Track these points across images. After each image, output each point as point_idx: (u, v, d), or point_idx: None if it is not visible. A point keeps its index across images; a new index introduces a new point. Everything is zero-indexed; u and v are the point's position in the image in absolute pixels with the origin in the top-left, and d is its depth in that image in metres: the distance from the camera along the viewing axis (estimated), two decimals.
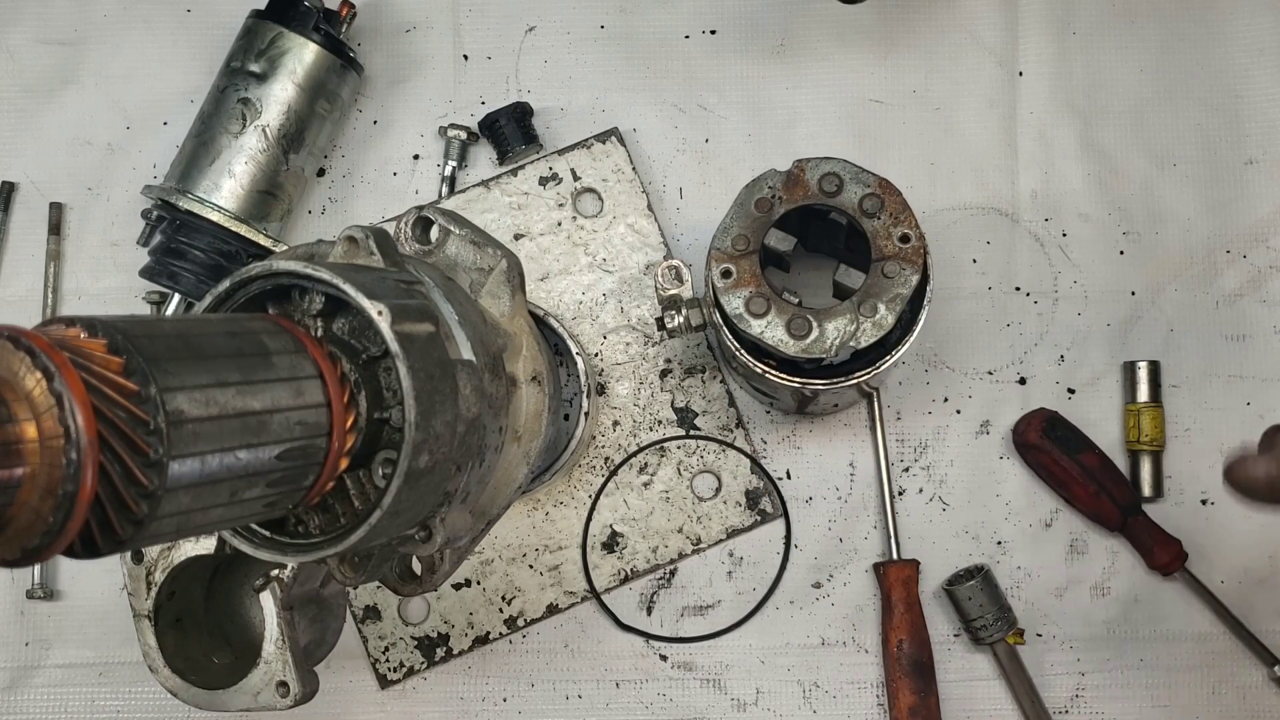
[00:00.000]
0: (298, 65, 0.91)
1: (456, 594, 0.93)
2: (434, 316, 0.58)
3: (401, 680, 0.93)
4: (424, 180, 0.98)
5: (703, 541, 0.93)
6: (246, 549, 0.57)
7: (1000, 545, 0.92)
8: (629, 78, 0.98)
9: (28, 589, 0.94)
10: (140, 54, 1.00)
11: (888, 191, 0.78)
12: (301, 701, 0.76)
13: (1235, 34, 0.96)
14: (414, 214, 0.68)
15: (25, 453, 0.41)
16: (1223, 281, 0.94)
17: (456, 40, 0.99)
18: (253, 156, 0.91)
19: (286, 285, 0.57)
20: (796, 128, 0.97)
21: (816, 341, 0.77)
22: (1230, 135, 0.95)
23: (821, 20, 0.97)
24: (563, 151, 0.96)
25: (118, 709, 0.95)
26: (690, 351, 0.94)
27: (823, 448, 0.94)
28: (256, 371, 0.50)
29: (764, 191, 0.79)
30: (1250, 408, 0.92)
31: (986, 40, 0.97)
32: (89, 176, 0.99)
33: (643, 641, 0.93)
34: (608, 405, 0.94)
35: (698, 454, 0.94)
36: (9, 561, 0.43)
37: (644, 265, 0.95)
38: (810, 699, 0.92)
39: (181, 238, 0.92)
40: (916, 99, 0.97)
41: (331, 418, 0.53)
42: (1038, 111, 0.96)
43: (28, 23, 1.00)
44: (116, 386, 0.44)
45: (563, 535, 0.93)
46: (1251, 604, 0.91)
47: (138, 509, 0.45)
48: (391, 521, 0.55)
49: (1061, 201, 0.95)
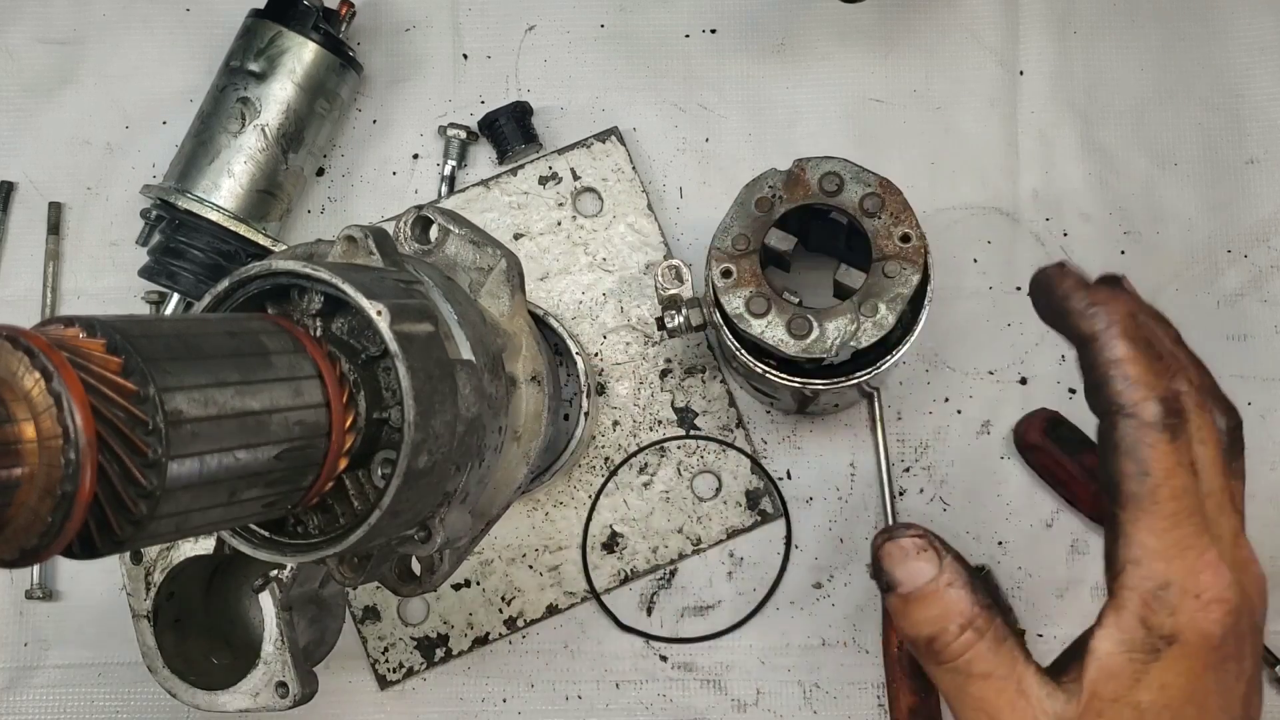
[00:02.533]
0: (297, 64, 0.91)
1: (456, 594, 0.93)
2: (433, 316, 0.58)
3: (401, 681, 0.93)
4: (423, 180, 0.98)
5: (703, 542, 0.93)
6: (245, 549, 0.57)
7: (1001, 545, 0.92)
8: (629, 77, 0.98)
9: (27, 589, 0.94)
10: (139, 53, 1.00)
11: (888, 191, 0.78)
12: (301, 702, 0.76)
13: (1236, 33, 0.96)
14: (413, 213, 0.68)
15: (24, 453, 0.41)
16: (1224, 281, 0.94)
17: (456, 40, 0.99)
18: (252, 156, 0.91)
19: (285, 285, 0.57)
20: (797, 127, 0.97)
21: (817, 341, 0.77)
22: (1231, 135, 0.95)
23: (822, 19, 0.97)
24: (562, 151, 0.96)
25: (117, 709, 0.94)
26: (690, 351, 0.94)
27: (823, 448, 0.94)
28: (255, 371, 0.50)
29: (764, 191, 0.79)
30: (1251, 408, 0.92)
31: (987, 40, 0.97)
32: (88, 176, 0.99)
33: (643, 642, 0.93)
34: (608, 405, 0.94)
35: (698, 454, 0.94)
36: (7, 562, 0.43)
37: (644, 265, 0.95)
38: (811, 699, 0.92)
39: (180, 237, 0.92)
40: (917, 98, 0.97)
41: (331, 418, 0.53)
42: (1039, 111, 0.96)
43: (27, 22, 1.00)
44: (115, 386, 0.44)
45: (562, 535, 0.93)
46: None
47: (136, 509, 0.44)
48: (391, 522, 0.55)
49: (1062, 201, 0.95)
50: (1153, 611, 0.52)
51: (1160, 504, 0.52)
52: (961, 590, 0.54)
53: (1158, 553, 0.52)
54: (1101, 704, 0.52)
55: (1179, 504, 0.52)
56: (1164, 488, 0.52)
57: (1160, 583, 0.52)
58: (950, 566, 0.55)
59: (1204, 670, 0.52)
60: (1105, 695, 0.52)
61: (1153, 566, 0.52)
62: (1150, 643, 0.52)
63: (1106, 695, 0.52)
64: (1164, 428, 0.52)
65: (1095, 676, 0.53)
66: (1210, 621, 0.52)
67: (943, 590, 0.54)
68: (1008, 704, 0.53)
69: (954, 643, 0.54)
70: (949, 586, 0.55)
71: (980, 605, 0.54)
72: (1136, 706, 0.52)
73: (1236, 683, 0.53)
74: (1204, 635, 0.52)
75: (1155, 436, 0.52)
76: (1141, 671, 0.52)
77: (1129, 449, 0.52)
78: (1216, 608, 0.52)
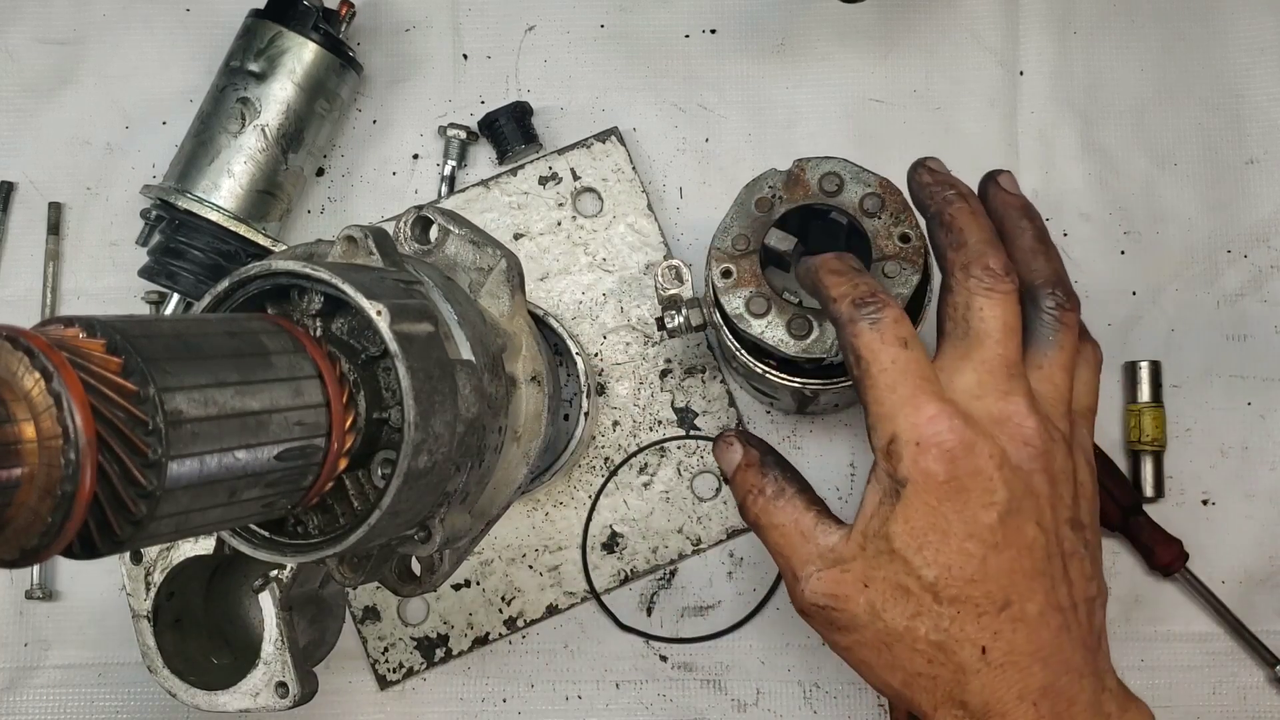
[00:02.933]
0: (297, 64, 0.91)
1: (456, 595, 0.93)
2: (433, 316, 0.58)
3: (401, 681, 0.93)
4: (423, 180, 0.98)
5: (703, 542, 0.93)
6: (245, 549, 0.57)
7: None
8: (629, 77, 0.98)
9: (27, 589, 0.94)
10: (139, 54, 1.00)
11: (888, 191, 0.78)
12: (301, 702, 0.76)
13: (1236, 33, 0.96)
14: (413, 213, 0.67)
15: (23, 453, 0.41)
16: (1224, 281, 0.94)
17: (456, 40, 0.99)
18: (252, 156, 0.91)
19: (285, 285, 0.57)
20: (797, 127, 0.97)
21: (817, 341, 0.77)
22: (1231, 135, 0.95)
23: (822, 20, 0.97)
24: (562, 151, 0.96)
25: (117, 709, 0.94)
26: (690, 351, 0.94)
27: (823, 448, 0.94)
28: (255, 371, 0.50)
29: (764, 191, 0.79)
30: (1251, 408, 0.92)
31: (987, 40, 0.97)
32: (88, 176, 0.99)
33: (643, 642, 0.93)
34: (608, 405, 0.94)
35: (698, 454, 0.94)
36: (7, 562, 0.43)
37: (644, 265, 0.95)
38: (811, 699, 0.92)
39: (180, 237, 0.92)
40: (917, 98, 0.97)
41: (330, 418, 0.53)
42: (1038, 111, 0.96)
43: (27, 22, 1.00)
44: (115, 387, 0.44)
45: (562, 535, 0.93)
46: (1252, 604, 0.91)
47: (136, 509, 0.44)
48: (391, 522, 0.55)
49: (1062, 201, 0.95)
50: (888, 461, 0.63)
51: (875, 377, 0.64)
52: (753, 468, 0.70)
53: (883, 415, 0.64)
54: (863, 538, 0.64)
55: (891, 374, 0.64)
56: (873, 364, 0.64)
57: (889, 438, 0.63)
58: (749, 452, 0.70)
59: (939, 504, 0.62)
60: (866, 531, 0.64)
61: (882, 427, 0.64)
62: (893, 487, 0.63)
63: (868, 531, 0.64)
64: (861, 319, 0.65)
65: (860, 516, 0.65)
66: (930, 461, 0.62)
67: (743, 469, 0.70)
68: (789, 544, 0.67)
69: (751, 506, 0.69)
70: (747, 466, 0.70)
71: (768, 475, 0.69)
72: (888, 537, 0.63)
73: (982, 512, 0.62)
74: (926, 474, 0.62)
75: (856, 327, 0.65)
76: (890, 510, 0.63)
77: (845, 344, 0.66)
78: (933, 449, 0.62)
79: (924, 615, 0.63)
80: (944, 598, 0.62)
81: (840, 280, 0.67)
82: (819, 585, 0.65)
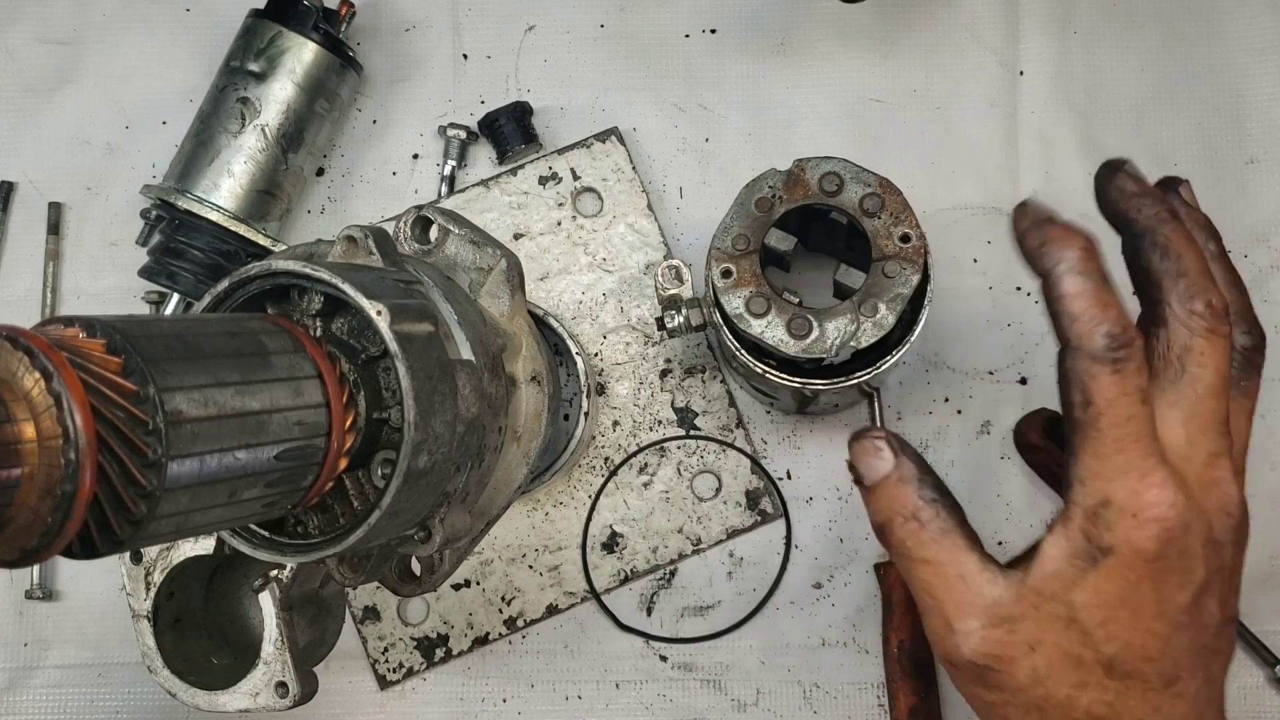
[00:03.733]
0: (297, 64, 0.91)
1: (456, 595, 0.93)
2: (433, 316, 0.58)
3: (401, 681, 0.93)
4: (423, 180, 0.98)
5: (703, 542, 0.93)
6: (245, 549, 0.57)
7: (1001, 546, 0.92)
8: (629, 77, 0.98)
9: (26, 589, 0.94)
10: (139, 53, 1.00)
11: (888, 191, 0.78)
12: (301, 702, 0.76)
13: (1236, 33, 0.96)
14: (413, 213, 0.68)
15: (23, 453, 0.41)
16: None
17: (456, 39, 0.99)
18: (252, 156, 0.91)
19: (285, 285, 0.57)
20: (797, 127, 0.97)
21: (817, 341, 0.77)
22: (1231, 135, 0.95)
23: (822, 19, 0.97)
24: (562, 151, 0.96)
25: (117, 709, 0.94)
26: (690, 351, 0.94)
27: (823, 448, 0.94)
28: (255, 371, 0.50)
29: (764, 191, 0.79)
30: None
31: (987, 40, 0.97)
32: (88, 176, 0.99)
33: (643, 642, 0.93)
34: (607, 405, 0.94)
35: (698, 454, 0.94)
36: (7, 562, 0.43)
37: (644, 265, 0.95)
38: (811, 699, 0.92)
39: (180, 237, 0.92)
40: (917, 98, 0.97)
41: (330, 418, 0.53)
42: (1039, 111, 0.96)
43: (27, 22, 1.00)
44: (115, 387, 0.44)
45: (562, 535, 0.93)
46: (1252, 604, 0.91)
47: (136, 509, 0.44)
48: (391, 522, 0.55)
49: (1063, 201, 0.94)
50: (1093, 525, 0.56)
51: (1102, 430, 0.56)
52: (908, 486, 0.60)
53: (1100, 474, 0.56)
54: (1039, 598, 0.58)
55: (1122, 430, 0.56)
56: (1105, 416, 0.56)
57: (1101, 500, 0.56)
58: (904, 465, 0.61)
59: (1139, 580, 0.56)
60: (1044, 591, 0.57)
61: (1095, 486, 0.56)
62: (1090, 552, 0.57)
63: (1045, 591, 0.57)
64: (1106, 360, 0.55)
65: (1038, 573, 0.58)
66: (1144, 538, 0.56)
67: (894, 484, 0.60)
68: (945, 586, 0.59)
69: (898, 530, 0.60)
70: (900, 482, 0.60)
71: (925, 500, 0.60)
72: (1070, 604, 0.57)
73: (1179, 592, 0.57)
74: (1137, 550, 0.56)
75: (1096, 369, 0.56)
76: (1079, 576, 0.57)
77: (1075, 380, 0.56)
78: (1153, 525, 0.55)
79: (1091, 687, 0.58)
80: (1118, 673, 0.58)
81: (1087, 302, 0.56)
82: (981, 645, 0.58)
